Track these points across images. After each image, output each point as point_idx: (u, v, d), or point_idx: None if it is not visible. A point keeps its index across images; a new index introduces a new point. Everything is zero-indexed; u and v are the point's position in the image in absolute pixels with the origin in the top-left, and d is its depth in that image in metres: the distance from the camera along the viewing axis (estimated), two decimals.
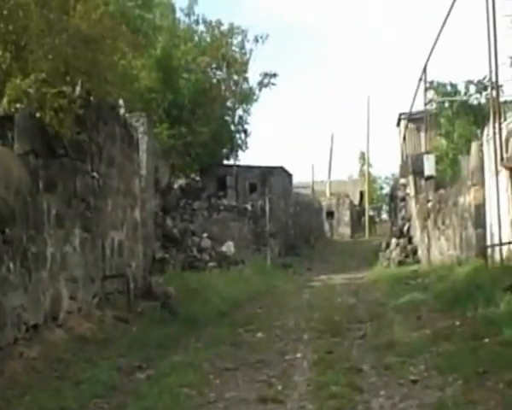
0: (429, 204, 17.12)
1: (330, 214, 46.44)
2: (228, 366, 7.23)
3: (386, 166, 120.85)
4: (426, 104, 18.45)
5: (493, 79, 12.41)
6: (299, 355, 7.80)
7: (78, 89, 8.48)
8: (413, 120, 25.84)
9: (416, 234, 19.34)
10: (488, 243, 12.59)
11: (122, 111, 12.08)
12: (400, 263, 18.83)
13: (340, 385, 6.06)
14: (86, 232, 8.86)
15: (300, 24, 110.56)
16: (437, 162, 18.91)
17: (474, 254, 13.04)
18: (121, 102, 12.19)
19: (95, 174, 9.34)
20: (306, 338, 8.95)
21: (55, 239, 7.75)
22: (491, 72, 12.37)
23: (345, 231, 46.51)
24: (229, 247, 19.96)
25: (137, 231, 11.84)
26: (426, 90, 18.89)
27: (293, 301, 13.04)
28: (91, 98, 8.95)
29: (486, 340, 7.39)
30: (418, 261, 18.62)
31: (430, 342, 7.86)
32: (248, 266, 19.41)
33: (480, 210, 12.86)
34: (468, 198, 13.31)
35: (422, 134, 26.43)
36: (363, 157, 55.82)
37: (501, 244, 11.48)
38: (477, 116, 21.72)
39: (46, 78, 7.83)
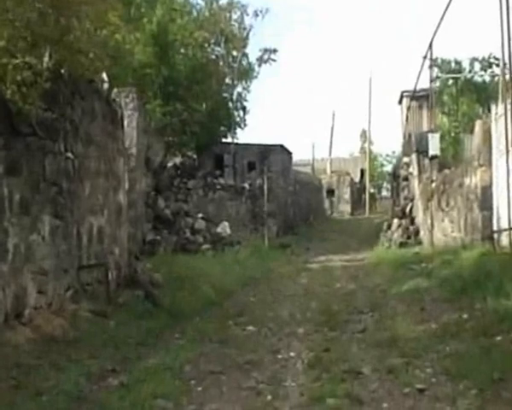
0: (433, 184, 16.30)
1: (331, 192, 45.81)
2: (212, 368, 6.48)
3: (388, 143, 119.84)
4: (431, 81, 17.54)
5: (505, 56, 11.57)
6: (292, 354, 7.07)
7: (45, 60, 7.62)
8: (415, 97, 25.13)
9: (419, 215, 18.54)
10: (495, 226, 11.82)
11: (106, 86, 11.20)
12: (402, 244, 18.04)
13: (337, 397, 5.31)
14: (58, 219, 8.04)
15: (300, 2, 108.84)
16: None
17: (480, 237, 12.28)
18: (104, 75, 11.32)
19: (69, 155, 8.50)
20: (302, 332, 8.22)
21: (19, 228, 6.94)
22: (503, 48, 11.51)
23: (345, 208, 45.94)
24: (224, 228, 19.18)
25: (121, 214, 11.05)
26: (431, 67, 17.97)
27: (290, 287, 12.28)
28: (62, 71, 8.07)
29: (499, 338, 6.65)
30: (420, 243, 17.85)
31: (437, 338, 7.12)
32: (244, 248, 18.66)
33: (486, 192, 12.08)
34: (475, 179, 12.52)
35: (425, 112, 25.76)
36: (364, 134, 54.97)
37: (510, 229, 10.70)
38: (481, 94, 20.94)
39: (7, 46, 6.97)
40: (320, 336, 7.86)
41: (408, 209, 19.41)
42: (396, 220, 19.44)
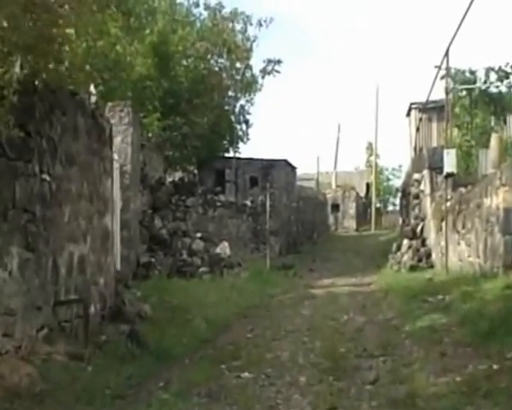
0: (447, 204, 15.28)
1: (335, 207, 44.93)
2: None
3: (394, 157, 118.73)
4: (447, 92, 16.55)
5: None
6: None
7: (16, 70, 6.68)
8: (424, 110, 24.21)
9: (431, 236, 17.51)
10: None
11: (93, 99, 10.26)
12: (412, 268, 17.01)
13: None
14: (29, 251, 7.07)
15: (303, 15, 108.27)
16: None
17: (502, 264, 11.23)
18: (92, 88, 10.41)
19: (45, 177, 7.55)
20: (304, 382, 7.19)
21: None
22: None
23: (350, 224, 45.05)
24: (224, 248, 18.19)
25: (108, 240, 10.06)
26: (446, 77, 17.01)
27: (291, 320, 11.24)
28: (37, 83, 7.13)
29: None
30: (432, 266, 16.82)
31: (463, 397, 6.06)
32: (245, 270, 17.74)
33: (509, 214, 11.05)
34: (496, 200, 11.48)
35: (435, 125, 24.77)
36: (370, 148, 54.02)
37: None
38: (496, 106, 19.98)
39: None
40: (325, 388, 6.84)
41: (419, 229, 18.39)
42: (406, 241, 18.41)
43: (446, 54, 16.42)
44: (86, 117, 8.99)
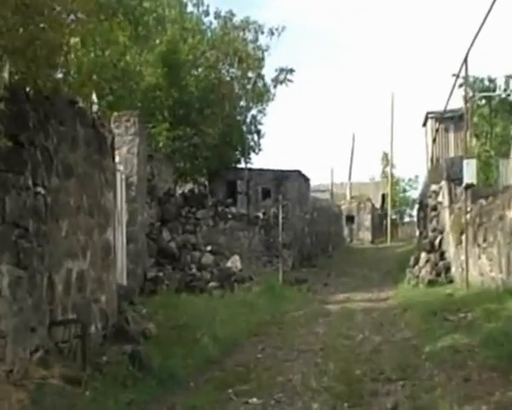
0: (467, 216, 14.66)
1: (350, 219, 44.27)
2: None
3: (410, 167, 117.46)
4: (467, 101, 15.97)
5: None
6: None
7: (4, 75, 6.24)
8: (441, 119, 23.63)
9: (450, 249, 16.86)
10: None
11: (95, 108, 9.83)
12: (431, 283, 16.37)
13: None
14: (21, 268, 6.59)
15: (317, 25, 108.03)
16: None
17: None
18: (94, 96, 9.97)
19: (39, 189, 7.08)
20: (316, 408, 6.66)
21: None
22: None
23: (365, 236, 44.38)
24: (235, 262, 17.67)
25: (109, 255, 9.58)
26: (465, 85, 16.44)
27: (304, 339, 10.67)
28: (27, 89, 6.69)
29: None
30: (451, 281, 16.17)
31: None
32: (256, 284, 17.19)
33: None
34: None
35: (452, 135, 24.21)
36: (385, 158, 53.30)
37: None
38: None
39: None
40: None
41: (437, 242, 17.73)
42: (424, 254, 17.76)
43: (465, 61, 15.86)
44: (86, 127, 8.53)
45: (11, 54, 6.39)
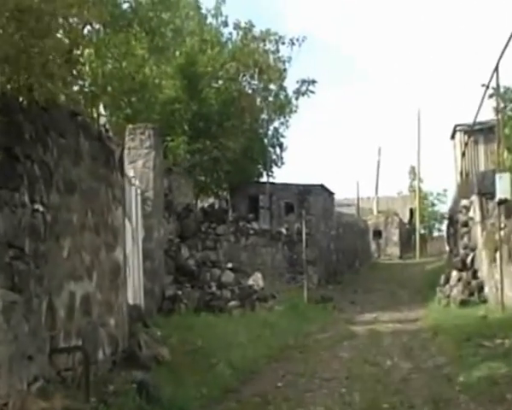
0: (501, 232, 13.81)
1: (377, 234, 43.33)
2: None
3: (439, 181, 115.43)
4: (498, 111, 15.19)
5: None
6: None
7: None
8: (470, 132, 22.82)
9: (483, 267, 15.98)
10: None
11: (103, 120, 9.31)
12: (463, 303, 15.48)
13: None
14: (15, 292, 6.03)
15: (341, 37, 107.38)
16: None
17: None
18: (101, 108, 9.48)
19: (37, 207, 6.53)
20: None
21: None
22: None
23: (393, 251, 43.38)
24: (256, 280, 16.99)
25: (119, 276, 9.02)
26: (497, 95, 15.66)
27: (328, 365, 9.94)
28: (21, 99, 6.16)
29: None
30: (485, 301, 15.28)
31: None
32: (279, 303, 16.51)
33: None
34: None
35: (481, 148, 23.38)
36: (413, 172, 52.18)
37: None
38: None
39: None
40: None
41: (469, 260, 16.84)
42: (455, 273, 16.88)
43: (496, 70, 15.09)
44: (91, 139, 7.99)
45: (1, 61, 5.87)
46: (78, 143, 7.65)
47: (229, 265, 17.10)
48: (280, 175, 64.58)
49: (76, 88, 8.07)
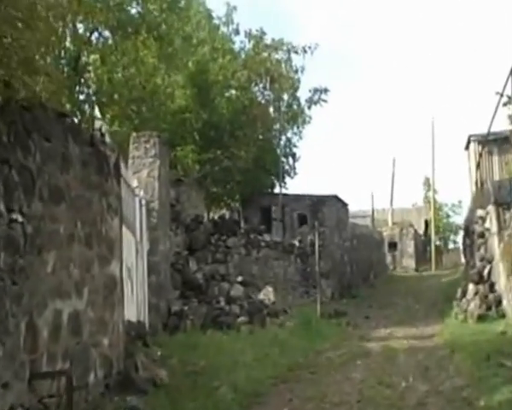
0: None
1: (393, 245, 42.59)
2: None
3: (454, 192, 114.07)
4: None
5: None
6: None
7: None
8: (484, 142, 22.27)
9: (500, 280, 15.21)
10: None
11: (99, 124, 8.78)
12: (481, 318, 14.72)
13: None
14: None
15: (354, 47, 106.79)
16: None
17: None
18: (97, 111, 8.94)
19: (16, 217, 5.98)
20: None
21: None
22: None
23: (409, 263, 42.62)
24: (267, 294, 16.38)
25: (114, 292, 8.45)
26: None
27: (339, 387, 9.24)
28: None
29: None
30: (503, 315, 14.52)
31: None
32: (291, 318, 15.87)
33: None
34: None
35: (496, 158, 22.97)
36: (427, 183, 51.39)
37: None
38: None
39: None
40: None
41: (486, 273, 16.08)
42: (471, 286, 16.13)
43: (510, 77, 14.47)
44: (82, 144, 7.45)
45: None
46: (67, 148, 7.11)
47: (239, 278, 16.51)
48: (293, 186, 63.91)
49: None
